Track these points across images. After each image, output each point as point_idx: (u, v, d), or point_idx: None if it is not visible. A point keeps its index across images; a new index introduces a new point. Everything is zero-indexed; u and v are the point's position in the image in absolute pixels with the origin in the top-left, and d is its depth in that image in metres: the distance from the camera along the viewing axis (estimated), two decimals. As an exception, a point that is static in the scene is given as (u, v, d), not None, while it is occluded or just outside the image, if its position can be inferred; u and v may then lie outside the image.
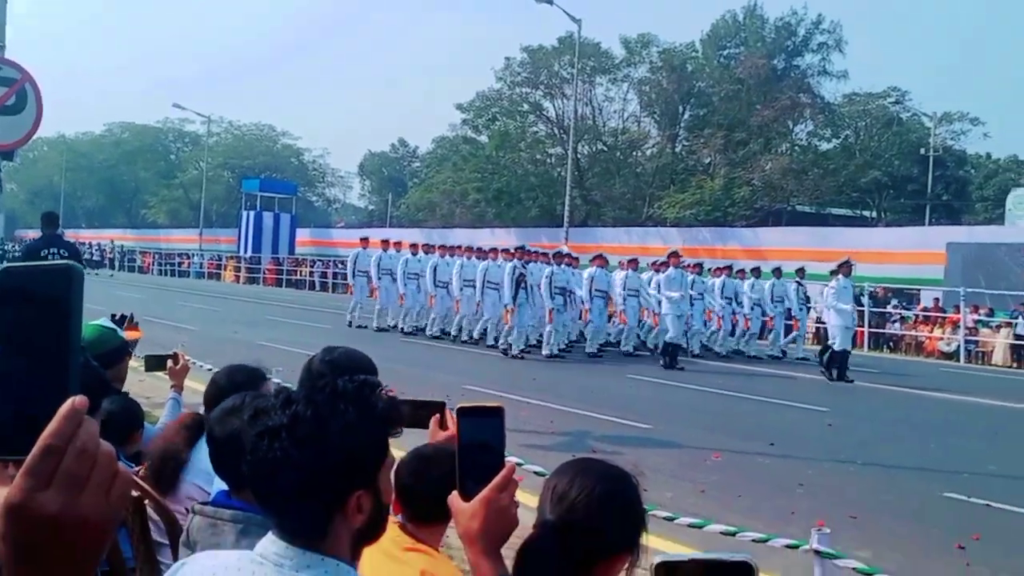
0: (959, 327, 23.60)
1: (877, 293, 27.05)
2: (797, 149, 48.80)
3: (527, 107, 52.46)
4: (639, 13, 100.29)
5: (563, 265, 17.96)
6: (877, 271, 28.73)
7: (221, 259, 50.80)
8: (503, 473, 1.61)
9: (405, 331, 19.92)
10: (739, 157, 45.09)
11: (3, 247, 11.72)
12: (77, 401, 0.76)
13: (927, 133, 46.54)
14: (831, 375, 15.91)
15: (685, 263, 18.50)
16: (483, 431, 1.65)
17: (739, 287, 19.76)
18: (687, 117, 50.35)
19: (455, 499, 1.63)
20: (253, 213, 49.74)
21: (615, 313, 18.62)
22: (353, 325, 20.70)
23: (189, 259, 53.11)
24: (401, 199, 67.60)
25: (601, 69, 50.05)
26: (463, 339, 18.71)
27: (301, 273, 44.65)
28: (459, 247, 20.08)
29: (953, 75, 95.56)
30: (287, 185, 57.38)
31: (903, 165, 46.82)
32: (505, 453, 1.67)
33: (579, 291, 18.04)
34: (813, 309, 21.54)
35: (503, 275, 17.28)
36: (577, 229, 40.02)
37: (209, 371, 6.24)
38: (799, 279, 20.35)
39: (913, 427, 11.87)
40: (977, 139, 48.82)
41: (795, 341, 20.33)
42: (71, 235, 55.24)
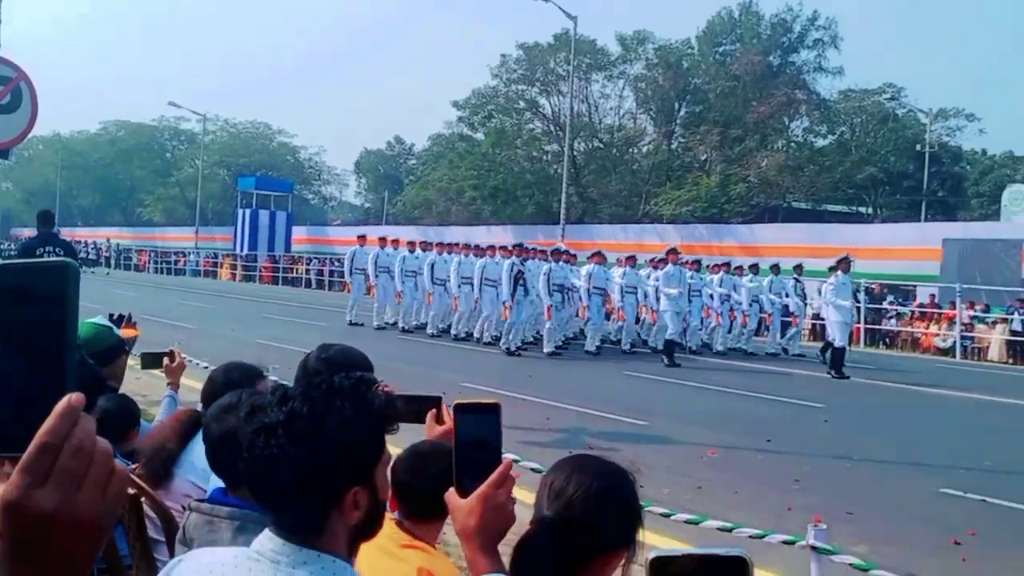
0: (955, 323, 23.62)
1: (873, 289, 27.10)
2: (793, 146, 48.82)
3: (523, 104, 52.42)
4: (635, 10, 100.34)
5: (561, 262, 17.98)
6: (873, 267, 28.75)
7: (217, 257, 50.70)
8: (500, 469, 1.62)
9: (403, 329, 19.92)
10: (735, 154, 45.11)
11: (-1, 245, 11.73)
12: (73, 398, 0.76)
13: (923, 129, 46.62)
14: (837, 371, 15.80)
15: (683, 260, 18.49)
16: (480, 427, 1.65)
17: (737, 283, 19.77)
18: (683, 114, 50.33)
19: (452, 495, 1.63)
20: (249, 211, 49.69)
21: (614, 310, 18.62)
22: (348, 323, 20.66)
23: (185, 257, 53.03)
24: (397, 197, 67.53)
25: (597, 66, 50.01)
26: (460, 336, 18.71)
27: (297, 271, 44.61)
28: (457, 244, 20.05)
29: (949, 71, 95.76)
30: (283, 183, 57.32)
31: (899, 161, 46.86)
32: (502, 449, 1.68)
33: (578, 281, 18.00)
34: (809, 305, 21.57)
35: (501, 272, 17.31)
36: (573, 226, 40.04)
37: (205, 369, 6.24)
38: (797, 275, 20.39)
39: (909, 423, 11.89)
40: (973, 135, 49.00)
41: (792, 338, 20.35)
42: (67, 234, 55.22)
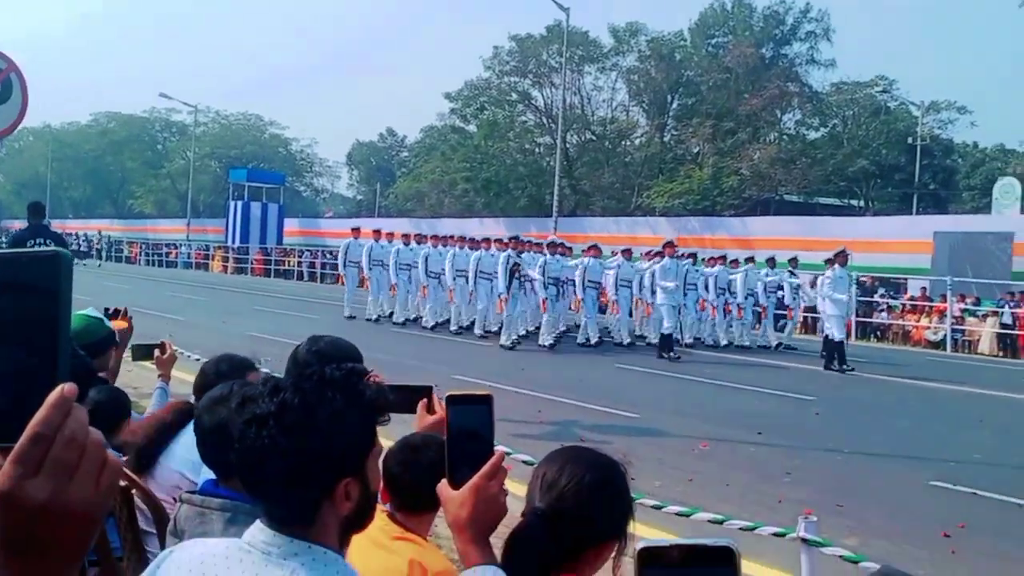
0: (946, 316, 23.71)
1: (864, 282, 27.15)
2: (785, 138, 48.81)
3: (515, 96, 52.34)
4: (627, 2, 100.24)
5: (556, 255, 17.88)
6: (864, 260, 28.79)
7: (209, 249, 50.52)
8: (492, 461, 1.62)
9: (397, 321, 19.89)
10: (727, 146, 45.09)
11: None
12: (66, 389, 0.76)
13: (915, 122, 46.62)
14: (840, 367, 15.78)
15: (680, 253, 18.46)
16: (472, 419, 1.65)
17: (733, 277, 19.75)
18: (676, 106, 50.31)
19: (444, 487, 1.63)
20: (241, 203, 49.48)
21: (608, 304, 18.60)
22: (345, 316, 20.59)
23: (177, 249, 52.80)
24: (389, 189, 67.32)
25: (589, 58, 49.97)
26: (454, 329, 18.69)
27: (289, 263, 44.49)
28: (452, 237, 20.00)
29: (940, 64, 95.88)
30: (275, 175, 57.16)
31: (891, 154, 46.89)
32: (494, 441, 1.68)
33: (577, 272, 17.92)
34: (801, 299, 21.60)
35: (497, 265, 17.27)
36: (566, 219, 40.04)
37: (197, 361, 6.23)
38: (791, 268, 20.37)
39: (899, 416, 11.93)
40: (964, 128, 49.08)
41: (782, 330, 20.37)
42: (58, 225, 54.91)
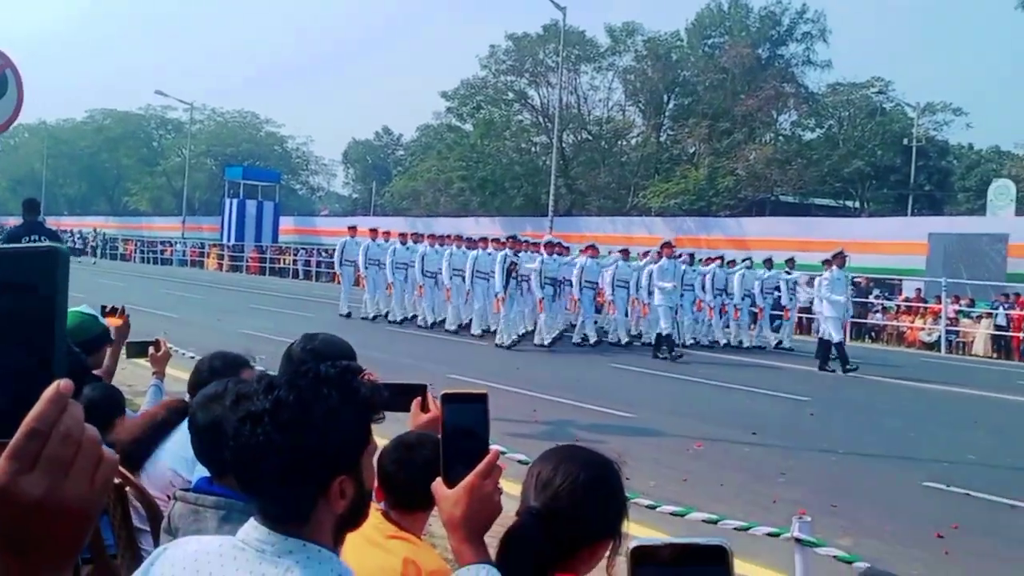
0: (940, 317, 23.75)
1: (860, 283, 27.18)
2: (781, 139, 48.83)
3: (512, 95, 52.31)
4: (624, 1, 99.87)
5: (554, 255, 17.79)
6: (859, 261, 28.82)
7: (204, 247, 50.42)
8: (487, 459, 1.61)
9: (393, 320, 19.88)
10: (723, 147, 45.13)
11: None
12: (62, 385, 0.75)
13: (910, 123, 46.67)
14: (843, 368, 15.76)
15: (678, 254, 18.42)
16: (467, 417, 1.64)
17: (730, 277, 19.72)
18: (672, 106, 50.35)
19: (439, 485, 1.63)
20: (236, 201, 49.41)
21: (605, 304, 18.59)
22: (344, 314, 20.61)
23: (172, 247, 52.73)
24: (385, 187, 67.22)
25: (586, 57, 49.96)
26: (452, 329, 18.66)
27: (284, 261, 44.46)
28: (448, 236, 19.98)
29: (936, 65, 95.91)
30: (270, 173, 57.06)
31: (886, 155, 46.94)
32: (489, 440, 1.68)
33: (574, 272, 17.89)
34: (796, 299, 21.61)
35: (494, 264, 17.24)
36: (562, 218, 40.00)
37: (192, 359, 6.22)
38: (788, 269, 20.36)
39: (893, 416, 11.94)
40: (959, 130, 48.94)
41: (778, 330, 20.36)
42: (53, 222, 54.74)
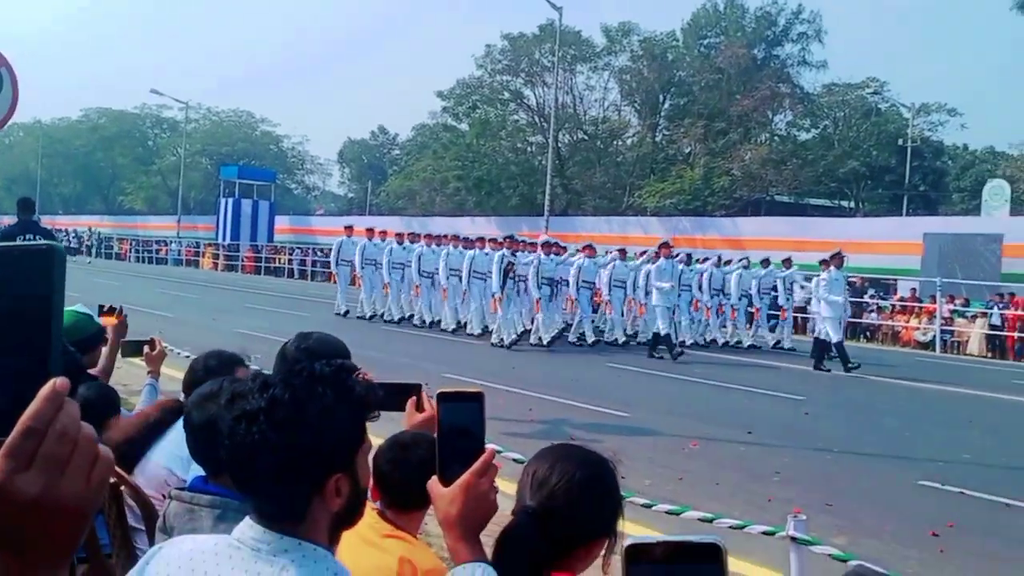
0: (935, 317, 23.79)
1: (855, 283, 27.22)
2: (776, 139, 48.94)
3: (508, 95, 52.37)
4: (620, 1, 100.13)
5: (551, 255, 17.69)
6: (855, 261, 28.84)
7: (199, 246, 50.36)
8: (483, 458, 1.61)
9: (388, 320, 19.85)
10: (719, 147, 45.20)
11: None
12: (58, 383, 0.75)
13: (905, 124, 46.78)
14: (845, 367, 15.71)
15: (675, 254, 18.36)
16: (463, 416, 1.64)
17: (727, 277, 19.70)
18: (667, 106, 50.41)
19: (435, 484, 1.63)
20: (232, 200, 49.32)
21: (602, 303, 18.57)
22: (341, 313, 20.64)
23: (167, 246, 52.66)
24: (381, 187, 67.23)
25: (582, 57, 50.00)
26: (451, 328, 18.62)
27: (280, 261, 44.44)
28: (445, 236, 19.97)
29: (931, 66, 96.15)
30: (266, 172, 56.98)
31: (881, 155, 47.02)
32: (485, 439, 1.68)
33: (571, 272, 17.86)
34: (791, 299, 21.61)
35: (491, 264, 17.22)
36: (557, 218, 40.05)
37: (186, 358, 6.20)
38: (786, 269, 20.32)
39: (888, 416, 11.96)
40: (954, 130, 49.24)
41: (774, 329, 20.36)
42: (47, 221, 54.38)
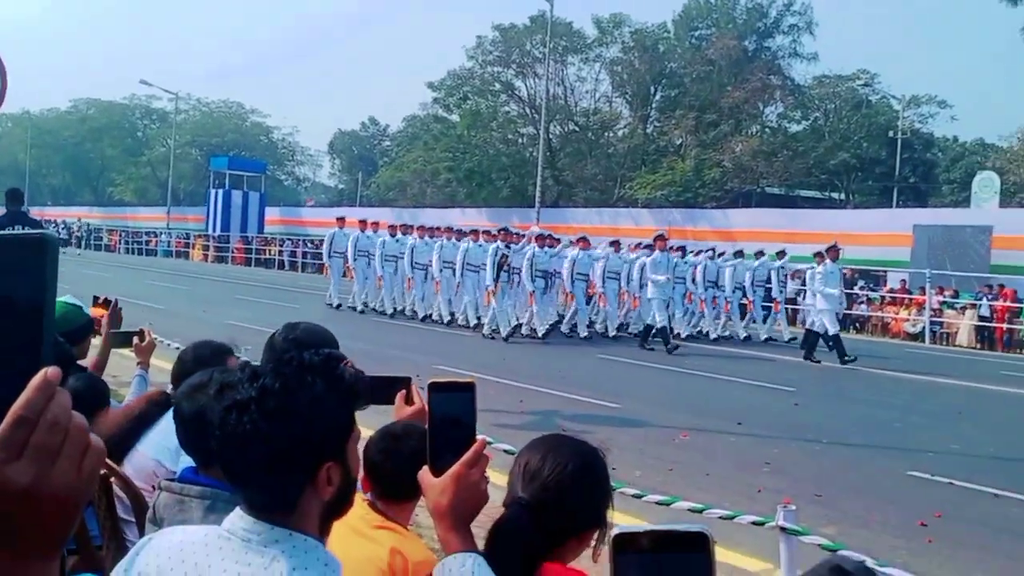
0: (924, 308, 23.89)
1: (845, 274, 27.26)
2: (767, 131, 48.88)
3: (499, 86, 52.21)
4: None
5: (545, 248, 17.69)
6: (845, 252, 28.83)
7: (189, 238, 50.13)
8: (474, 448, 1.61)
9: (381, 311, 19.83)
10: (710, 138, 45.18)
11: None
12: (50, 372, 0.75)
13: (895, 116, 46.85)
14: (842, 359, 15.67)
15: (671, 246, 18.34)
16: (455, 406, 1.64)
17: (721, 270, 19.69)
18: (658, 98, 50.34)
19: (425, 474, 1.62)
20: (221, 191, 49.12)
21: (596, 295, 18.59)
22: (334, 306, 20.61)
23: (157, 237, 52.45)
24: (371, 178, 67.05)
25: (573, 49, 49.88)
26: (445, 320, 18.62)
27: (270, 252, 44.29)
28: (439, 228, 19.94)
29: (922, 58, 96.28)
30: (256, 163, 56.79)
31: (871, 147, 47.07)
32: (477, 429, 1.68)
33: (565, 264, 17.86)
34: (783, 291, 21.63)
35: (485, 256, 17.19)
36: (549, 210, 40.00)
37: (176, 349, 6.19)
38: (779, 262, 20.35)
39: (878, 407, 12.01)
40: (944, 122, 49.30)
41: (766, 321, 20.38)
42: (36, 212, 54.37)
